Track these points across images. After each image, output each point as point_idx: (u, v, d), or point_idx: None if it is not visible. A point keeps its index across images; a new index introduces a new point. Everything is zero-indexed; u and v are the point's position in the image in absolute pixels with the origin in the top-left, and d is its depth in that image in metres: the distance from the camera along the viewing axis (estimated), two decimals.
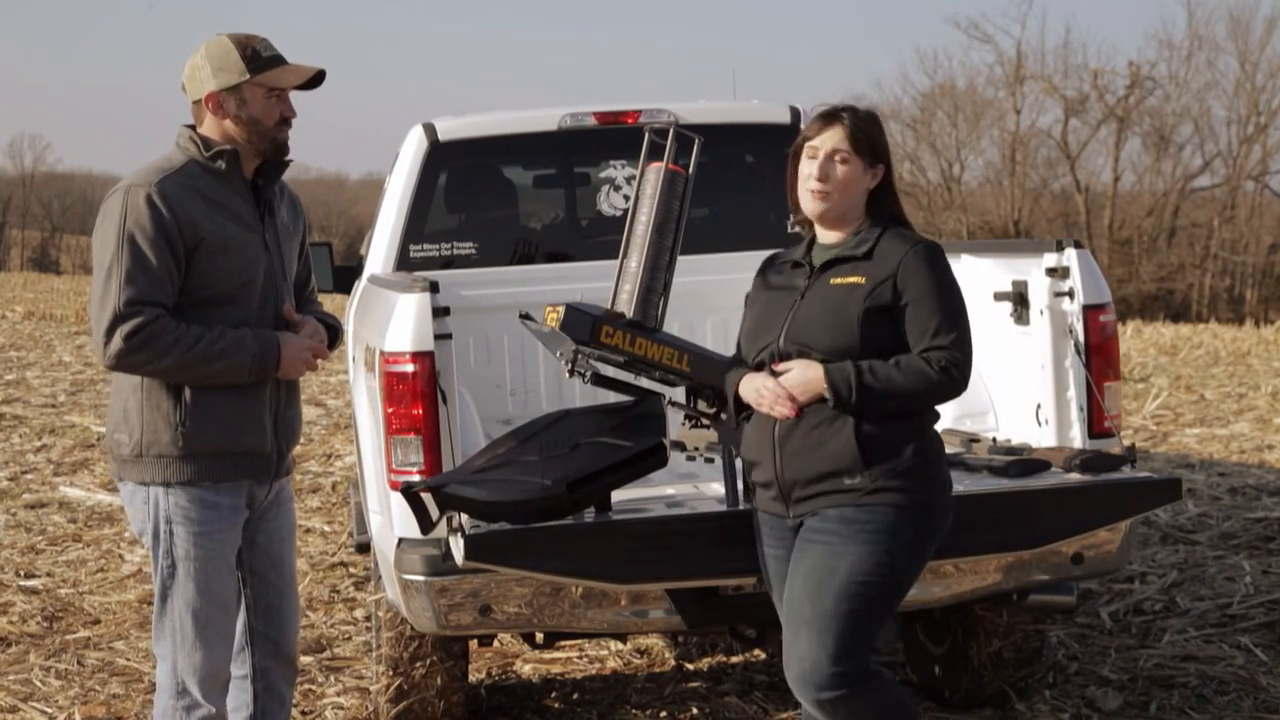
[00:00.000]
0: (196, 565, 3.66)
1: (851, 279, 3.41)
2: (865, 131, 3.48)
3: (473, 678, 5.44)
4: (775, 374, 3.42)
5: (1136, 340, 19.92)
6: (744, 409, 3.55)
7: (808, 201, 3.51)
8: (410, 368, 4.03)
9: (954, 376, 3.35)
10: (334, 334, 3.93)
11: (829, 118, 3.50)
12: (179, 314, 3.57)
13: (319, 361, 3.83)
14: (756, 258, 5.60)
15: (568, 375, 4.17)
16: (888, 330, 3.39)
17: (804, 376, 3.37)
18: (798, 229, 3.72)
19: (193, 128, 3.70)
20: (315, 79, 3.73)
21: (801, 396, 3.37)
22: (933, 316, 3.37)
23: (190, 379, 3.57)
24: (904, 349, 3.39)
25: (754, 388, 3.46)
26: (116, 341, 3.49)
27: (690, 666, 5.69)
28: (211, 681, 3.73)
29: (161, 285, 3.53)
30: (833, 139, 3.47)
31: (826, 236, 3.55)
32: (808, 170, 3.50)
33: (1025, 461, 4.18)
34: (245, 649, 3.90)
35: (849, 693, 3.31)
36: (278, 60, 3.65)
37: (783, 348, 3.44)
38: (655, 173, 4.23)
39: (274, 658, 3.93)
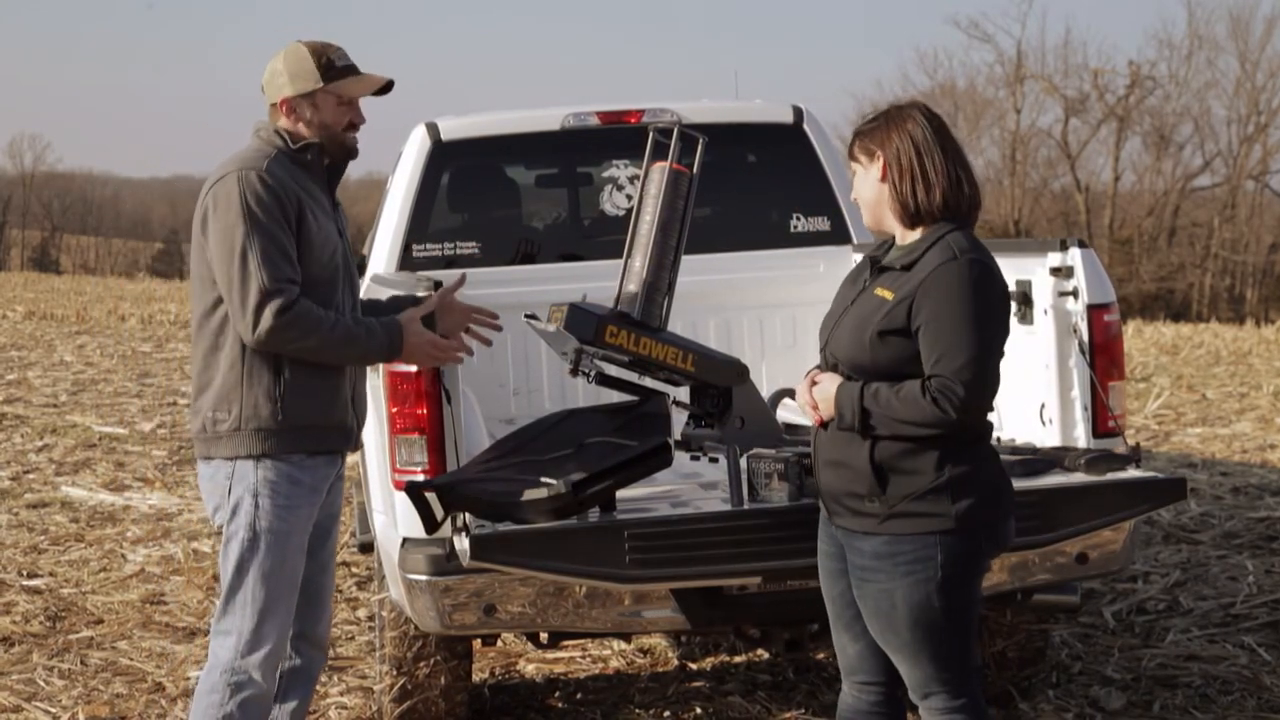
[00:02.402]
0: (277, 539, 3.75)
1: (884, 293, 3.29)
2: (859, 138, 3.43)
3: (476, 677, 5.44)
4: (815, 382, 3.40)
5: (1137, 340, 19.93)
6: None
7: None
8: (414, 367, 4.03)
9: (943, 409, 3.15)
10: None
11: None
12: None
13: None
14: (759, 258, 5.69)
15: (571, 375, 4.17)
16: (903, 352, 3.24)
17: (826, 392, 3.33)
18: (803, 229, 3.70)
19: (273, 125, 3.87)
20: (384, 88, 3.91)
21: (824, 411, 3.34)
22: (937, 342, 3.18)
23: (325, 359, 3.73)
24: (921, 372, 3.24)
25: (799, 390, 3.44)
26: (267, 318, 3.60)
27: (693, 666, 5.69)
28: (272, 659, 3.79)
29: (293, 263, 3.68)
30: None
31: (898, 238, 3.44)
32: None
33: (1029, 461, 4.17)
34: None
35: (965, 700, 3.36)
36: (350, 70, 3.84)
37: (827, 355, 3.42)
38: (660, 172, 4.23)
39: (306, 639, 3.99)
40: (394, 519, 4.22)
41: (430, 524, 3.85)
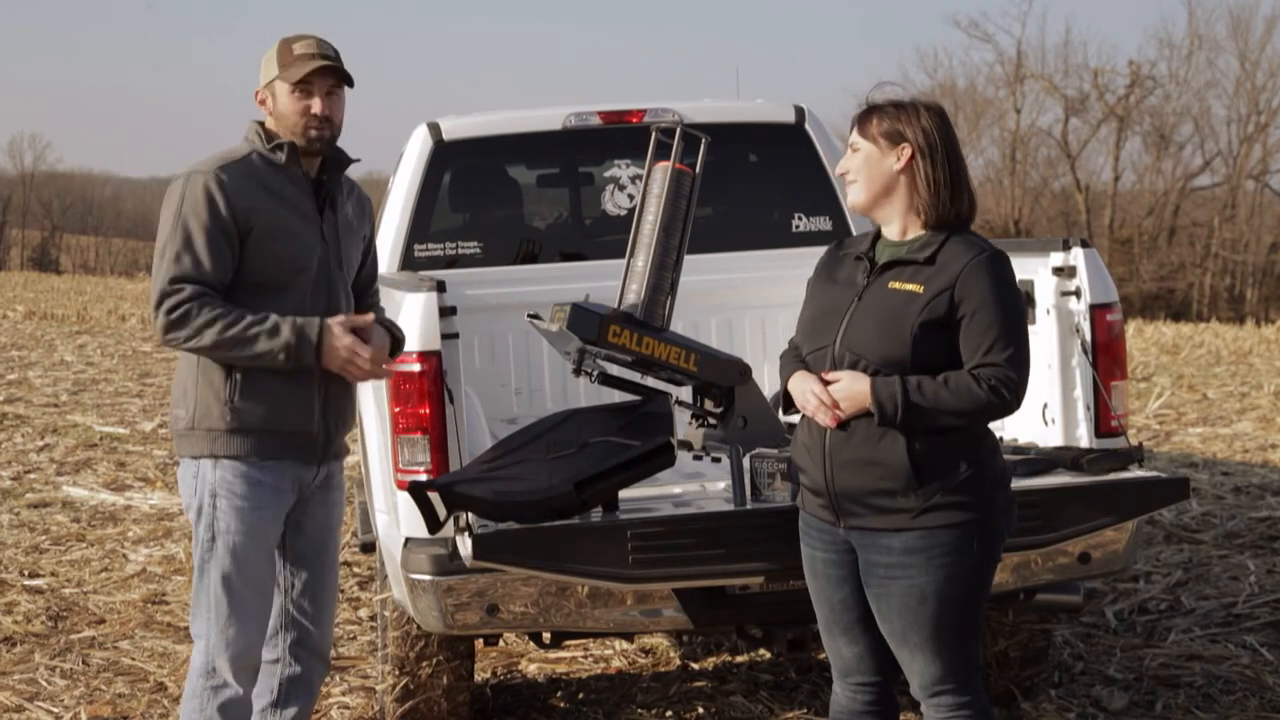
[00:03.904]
0: (235, 540, 3.71)
1: (910, 286, 3.28)
2: (877, 116, 3.39)
3: (478, 677, 5.44)
4: (825, 381, 3.32)
5: (1138, 340, 19.93)
6: (794, 406, 3.45)
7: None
8: (417, 367, 4.03)
9: (1004, 396, 3.21)
10: (396, 344, 3.91)
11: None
12: (234, 298, 3.67)
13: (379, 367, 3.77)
14: (761, 257, 5.68)
15: (574, 374, 4.17)
16: (942, 344, 3.26)
17: (851, 390, 3.26)
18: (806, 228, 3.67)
19: (261, 123, 3.84)
20: (329, 73, 3.76)
21: (847, 409, 3.27)
22: (987, 332, 3.23)
23: (231, 360, 3.64)
24: (959, 362, 3.26)
25: (801, 390, 3.36)
26: (160, 317, 3.61)
27: (696, 666, 5.69)
28: (242, 661, 3.75)
29: (206, 265, 3.63)
30: (851, 136, 3.45)
31: (888, 230, 3.44)
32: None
33: (1032, 461, 4.17)
34: (279, 633, 3.93)
35: (973, 697, 3.39)
36: (304, 58, 3.76)
37: (837, 353, 3.33)
38: (662, 172, 4.23)
39: (305, 647, 3.96)
40: (396, 519, 4.22)
41: (433, 524, 3.85)
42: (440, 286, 4.10)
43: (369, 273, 4.09)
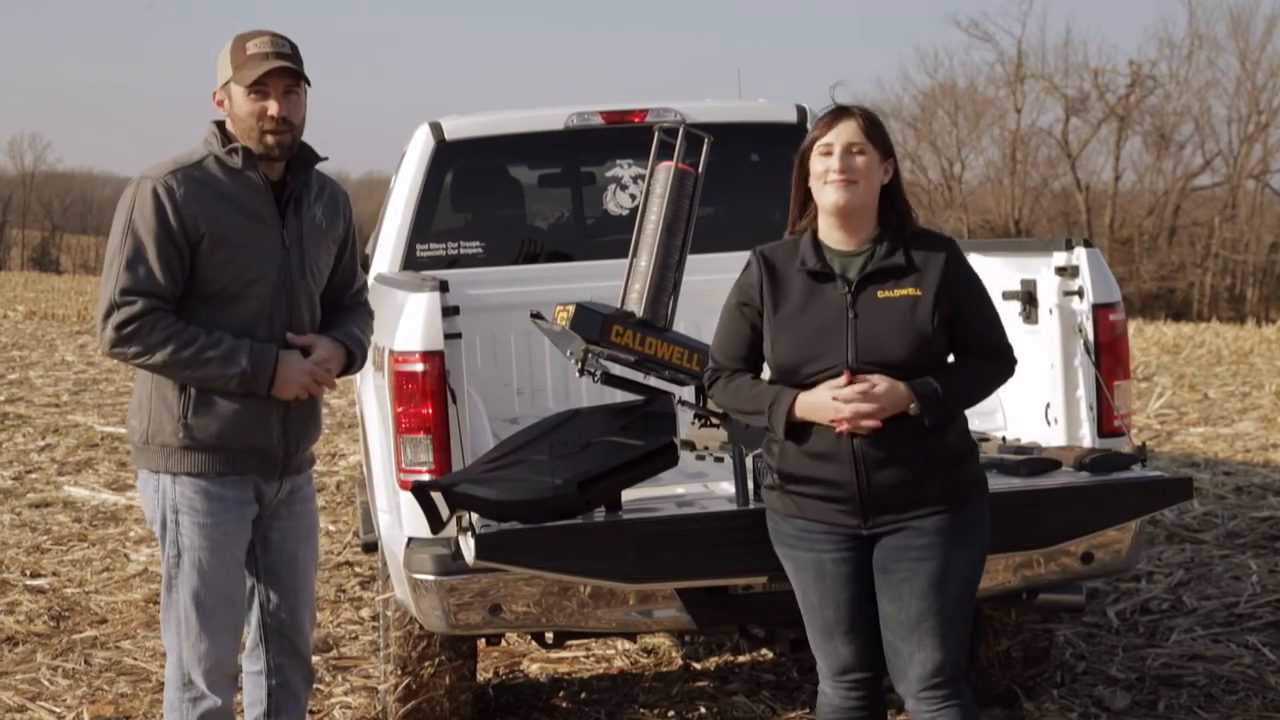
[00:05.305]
0: (201, 556, 3.66)
1: (904, 291, 3.37)
2: (876, 125, 3.44)
3: (480, 677, 5.44)
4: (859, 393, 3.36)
5: (1139, 339, 19.94)
6: (793, 429, 3.42)
7: (830, 194, 3.37)
8: (420, 367, 4.02)
9: (1012, 366, 3.51)
10: (352, 357, 3.84)
11: (840, 113, 3.42)
12: (186, 309, 3.58)
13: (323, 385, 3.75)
14: None
15: (578, 374, 4.17)
16: (949, 337, 3.43)
17: (894, 394, 3.32)
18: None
19: (220, 124, 3.70)
20: (285, 72, 3.60)
21: (893, 411, 3.33)
22: (983, 314, 3.48)
23: (178, 378, 3.58)
24: (949, 348, 3.45)
25: (832, 404, 3.33)
26: (109, 330, 3.52)
27: (698, 666, 5.69)
28: (216, 673, 3.72)
29: (158, 277, 3.52)
30: (847, 132, 3.38)
31: (838, 239, 3.44)
32: (824, 166, 3.38)
33: (1035, 460, 4.17)
34: (260, 645, 3.89)
35: (959, 688, 3.44)
36: (257, 58, 3.60)
37: (855, 367, 3.35)
38: (665, 171, 4.24)
39: (289, 655, 3.91)
40: (399, 519, 4.22)
41: (435, 524, 3.85)
42: (443, 286, 4.10)
43: (345, 274, 3.93)
